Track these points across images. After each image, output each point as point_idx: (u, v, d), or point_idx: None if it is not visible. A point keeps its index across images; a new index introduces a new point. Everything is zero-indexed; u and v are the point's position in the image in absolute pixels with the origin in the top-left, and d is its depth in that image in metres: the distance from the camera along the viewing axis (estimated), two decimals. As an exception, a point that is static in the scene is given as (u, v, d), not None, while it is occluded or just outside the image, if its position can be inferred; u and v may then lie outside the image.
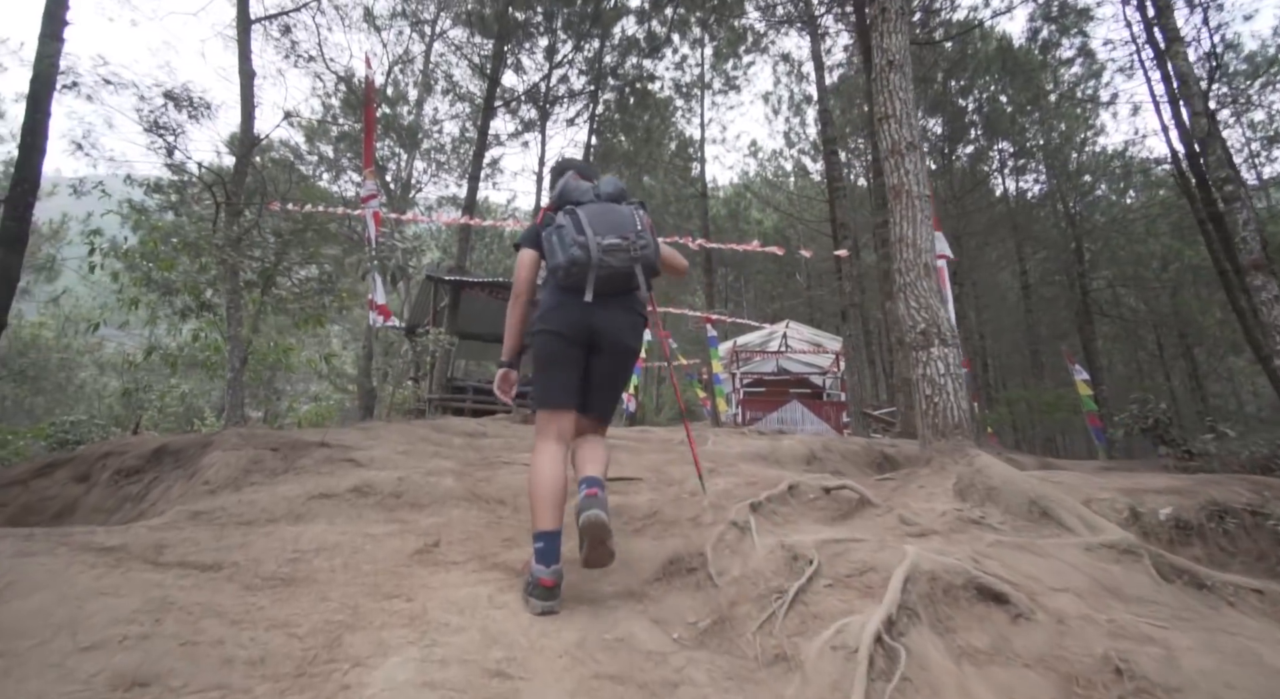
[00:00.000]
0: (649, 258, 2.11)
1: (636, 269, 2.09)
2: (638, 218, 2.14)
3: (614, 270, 2.06)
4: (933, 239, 3.34)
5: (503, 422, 7.88)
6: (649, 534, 2.54)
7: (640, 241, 2.09)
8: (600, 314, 2.11)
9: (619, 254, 2.06)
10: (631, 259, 2.08)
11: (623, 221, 2.11)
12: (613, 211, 2.13)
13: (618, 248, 2.06)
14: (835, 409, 18.02)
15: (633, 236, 2.09)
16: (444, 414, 10.43)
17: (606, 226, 2.08)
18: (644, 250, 2.10)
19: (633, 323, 2.20)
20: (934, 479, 2.82)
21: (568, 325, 2.11)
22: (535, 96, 16.26)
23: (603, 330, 2.13)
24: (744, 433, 5.78)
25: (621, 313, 2.15)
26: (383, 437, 4.23)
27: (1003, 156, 21.95)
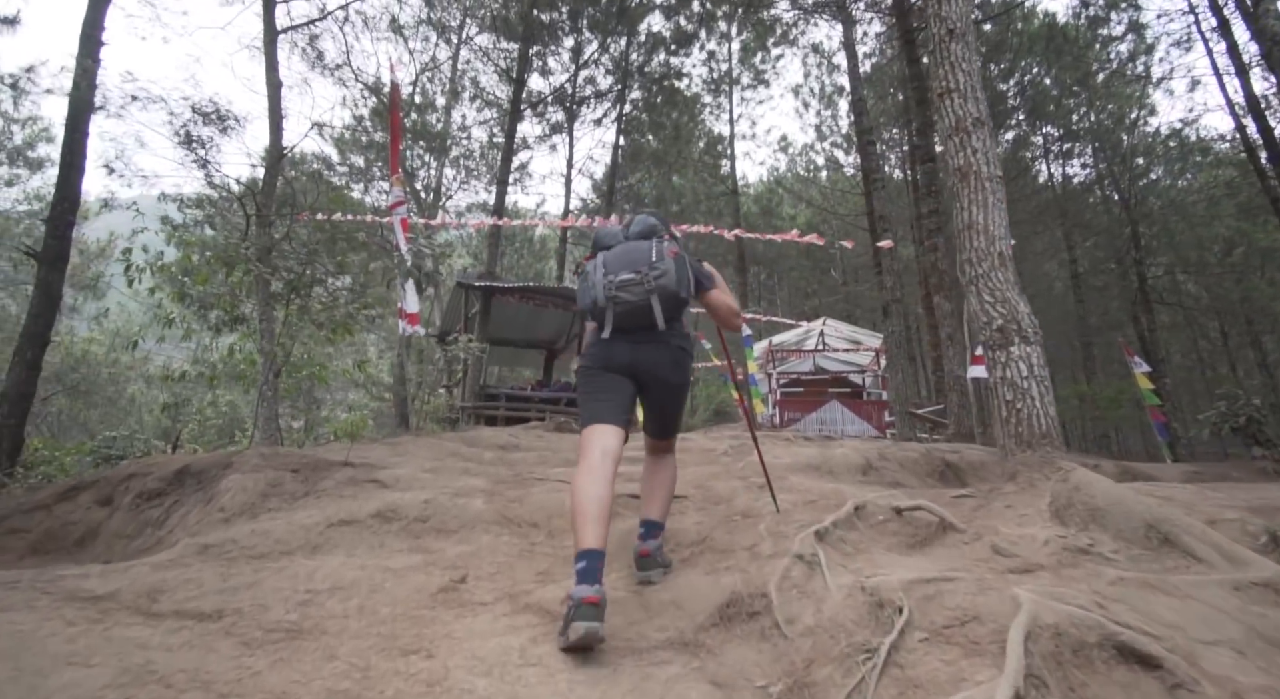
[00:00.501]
0: (665, 287, 2.08)
1: (652, 300, 2.08)
2: (655, 251, 2.14)
3: (630, 305, 2.09)
4: (1006, 225, 2.98)
5: (536, 431, 7.68)
6: (700, 565, 2.25)
7: (654, 272, 2.09)
8: (636, 353, 2.14)
9: (633, 288, 2.08)
10: (646, 291, 2.08)
11: (638, 257, 2.14)
12: (632, 250, 2.17)
13: (630, 283, 2.09)
14: (876, 408, 17.40)
15: (645, 269, 2.09)
16: (477, 422, 10.29)
17: (621, 265, 2.13)
18: (659, 280, 2.08)
19: (673, 358, 2.19)
20: (1022, 497, 2.47)
21: (605, 361, 2.17)
22: (562, 98, 16.10)
23: (642, 369, 2.16)
24: (789, 439, 5.45)
25: (656, 349, 2.16)
26: (410, 453, 4.03)
27: (1047, 141, 21.02)
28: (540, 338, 13.82)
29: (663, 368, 2.17)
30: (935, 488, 4.03)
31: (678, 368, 2.20)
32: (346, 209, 8.55)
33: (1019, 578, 1.80)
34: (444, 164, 20.98)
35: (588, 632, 1.57)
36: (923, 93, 8.82)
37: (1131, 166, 17.41)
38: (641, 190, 18.93)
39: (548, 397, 10.78)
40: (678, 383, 2.22)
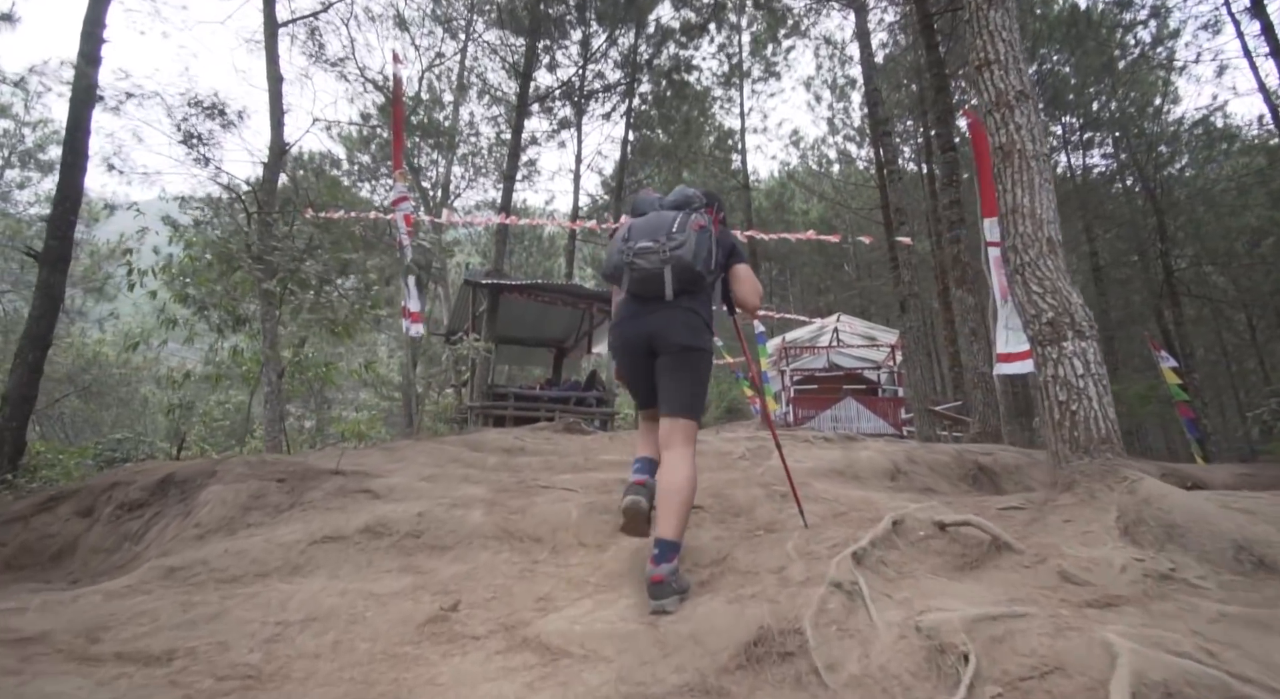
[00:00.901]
0: (680, 258, 2.11)
1: (666, 271, 2.12)
2: (678, 222, 2.17)
3: (645, 272, 2.14)
4: (1054, 207, 2.70)
5: (545, 432, 7.45)
6: (721, 591, 2.00)
7: (671, 243, 2.12)
8: (651, 320, 2.19)
9: (649, 256, 2.13)
10: (661, 261, 2.12)
11: (661, 225, 2.17)
12: (659, 218, 2.21)
13: (648, 250, 2.13)
14: (893, 405, 17.05)
15: (663, 239, 2.13)
16: (485, 422, 10.09)
17: (644, 232, 2.18)
18: (674, 251, 2.11)
19: (684, 320, 2.18)
20: (1082, 511, 2.19)
21: (624, 334, 2.27)
22: (570, 93, 15.85)
23: (656, 334, 2.19)
24: (809, 440, 5.18)
25: (671, 313, 2.17)
26: (408, 459, 3.80)
27: (1066, 131, 20.51)
28: (549, 336, 13.60)
29: (673, 329, 2.16)
30: (970, 494, 3.75)
31: (687, 329, 2.17)
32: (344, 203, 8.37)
33: (1101, 614, 1.53)
34: (452, 161, 20.82)
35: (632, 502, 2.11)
36: (942, 79, 8.50)
37: (1156, 155, 16.88)
38: (651, 185, 18.67)
39: (557, 396, 10.55)
40: (688, 344, 2.18)
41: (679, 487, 2.03)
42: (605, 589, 2.13)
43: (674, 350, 2.18)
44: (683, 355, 2.19)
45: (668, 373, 2.21)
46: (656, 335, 2.18)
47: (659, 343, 2.19)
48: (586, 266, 26.67)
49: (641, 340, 2.21)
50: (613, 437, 5.99)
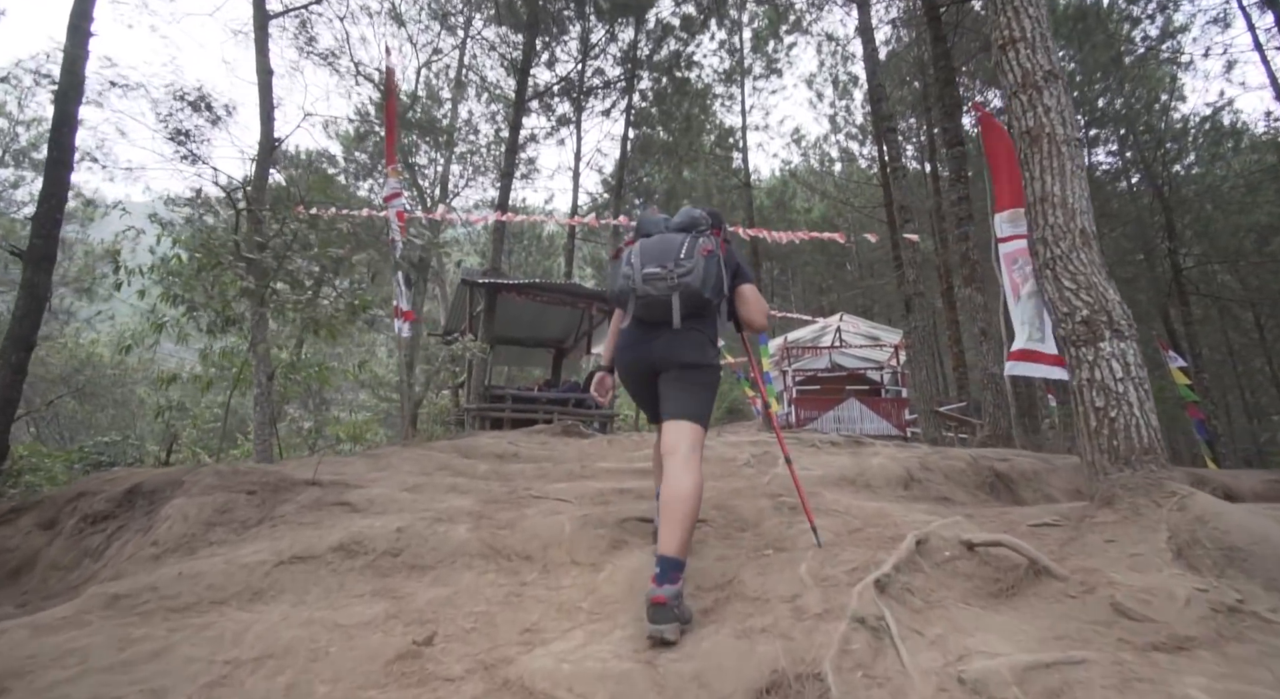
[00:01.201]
0: (689, 286, 2.06)
1: (674, 298, 2.07)
2: (686, 247, 2.11)
3: (653, 299, 2.09)
4: (1088, 196, 2.49)
5: (541, 435, 7.25)
6: (727, 621, 1.79)
7: (679, 270, 2.06)
8: (654, 345, 2.16)
9: (657, 283, 2.08)
10: (669, 288, 2.07)
11: (668, 250, 2.12)
12: (665, 242, 2.15)
13: (656, 277, 2.08)
14: (896, 406, 16.87)
15: (671, 265, 2.08)
16: (482, 424, 9.89)
17: (651, 257, 2.12)
18: (683, 277, 2.06)
19: (689, 340, 2.14)
20: (1126, 530, 1.98)
21: (631, 365, 2.25)
22: (569, 89, 15.63)
23: (658, 359, 2.17)
24: (815, 445, 4.97)
25: (673, 336, 2.13)
26: (393, 467, 3.59)
27: (1072, 128, 20.25)
28: (548, 336, 13.40)
29: (678, 350, 2.13)
30: (989, 504, 3.54)
31: (693, 348, 2.14)
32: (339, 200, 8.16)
33: (1172, 660, 1.32)
34: (450, 159, 20.62)
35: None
36: (950, 73, 8.29)
37: (1164, 152, 16.64)
38: (651, 184, 18.45)
39: (556, 397, 10.34)
40: (692, 361, 2.13)
41: (684, 495, 1.86)
42: (598, 617, 1.92)
43: (679, 366, 2.15)
44: (688, 370, 2.15)
45: (673, 383, 2.17)
46: (661, 358, 2.16)
47: (663, 364, 2.17)
48: (586, 266, 26.46)
49: (646, 366, 2.21)
50: (611, 441, 5.79)
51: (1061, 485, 4.01)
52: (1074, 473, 4.16)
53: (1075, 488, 4.00)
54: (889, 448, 4.57)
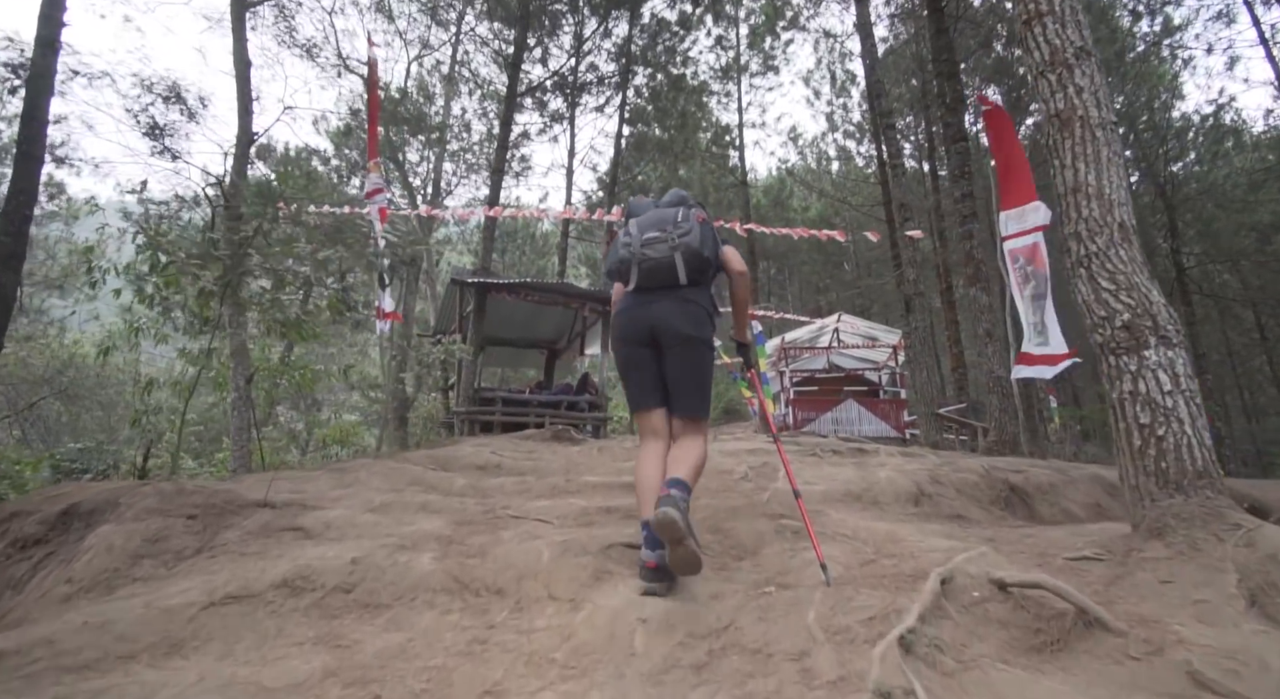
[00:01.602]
0: (689, 245, 2.16)
1: (676, 257, 2.16)
2: (681, 213, 2.24)
3: (655, 261, 2.17)
4: (1126, 186, 2.22)
5: (530, 442, 6.98)
6: (724, 683, 1.51)
7: (679, 231, 2.18)
8: (654, 308, 2.20)
9: (658, 246, 2.17)
10: (671, 248, 2.16)
11: (665, 218, 2.24)
12: (661, 213, 2.27)
13: (656, 240, 2.18)
14: (895, 407, 16.66)
15: (670, 228, 2.19)
16: (471, 428, 9.61)
17: (649, 225, 2.24)
18: (683, 238, 2.16)
19: (687, 311, 2.21)
20: (1183, 568, 1.72)
21: (627, 328, 2.26)
22: (562, 85, 15.33)
23: (659, 323, 2.20)
24: (817, 454, 4.70)
25: (674, 303, 2.20)
26: (360, 482, 3.31)
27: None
28: (541, 337, 13.11)
29: (678, 319, 2.18)
30: (1006, 521, 3.28)
31: (692, 320, 2.20)
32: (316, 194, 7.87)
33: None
34: (443, 157, 20.32)
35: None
36: (952, 67, 8.04)
37: (1166, 150, 16.43)
38: (646, 182, 18.18)
39: (548, 400, 10.05)
40: (695, 335, 2.19)
41: (694, 458, 2.10)
42: (573, 673, 1.65)
43: (679, 341, 2.19)
44: (687, 346, 2.20)
45: (676, 369, 2.23)
46: (661, 324, 2.19)
47: (663, 333, 2.20)
48: (580, 266, 26.17)
49: (645, 329, 2.22)
50: (602, 448, 5.51)
51: (1080, 500, 3.75)
52: (1091, 484, 3.91)
53: (1095, 501, 3.75)
54: (895, 458, 4.30)
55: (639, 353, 2.25)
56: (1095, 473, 4.10)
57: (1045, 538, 2.42)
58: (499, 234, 23.97)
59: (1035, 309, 6.39)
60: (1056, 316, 6.39)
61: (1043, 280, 6.42)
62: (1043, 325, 6.35)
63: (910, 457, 4.51)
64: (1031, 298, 6.38)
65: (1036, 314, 6.40)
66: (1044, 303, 6.36)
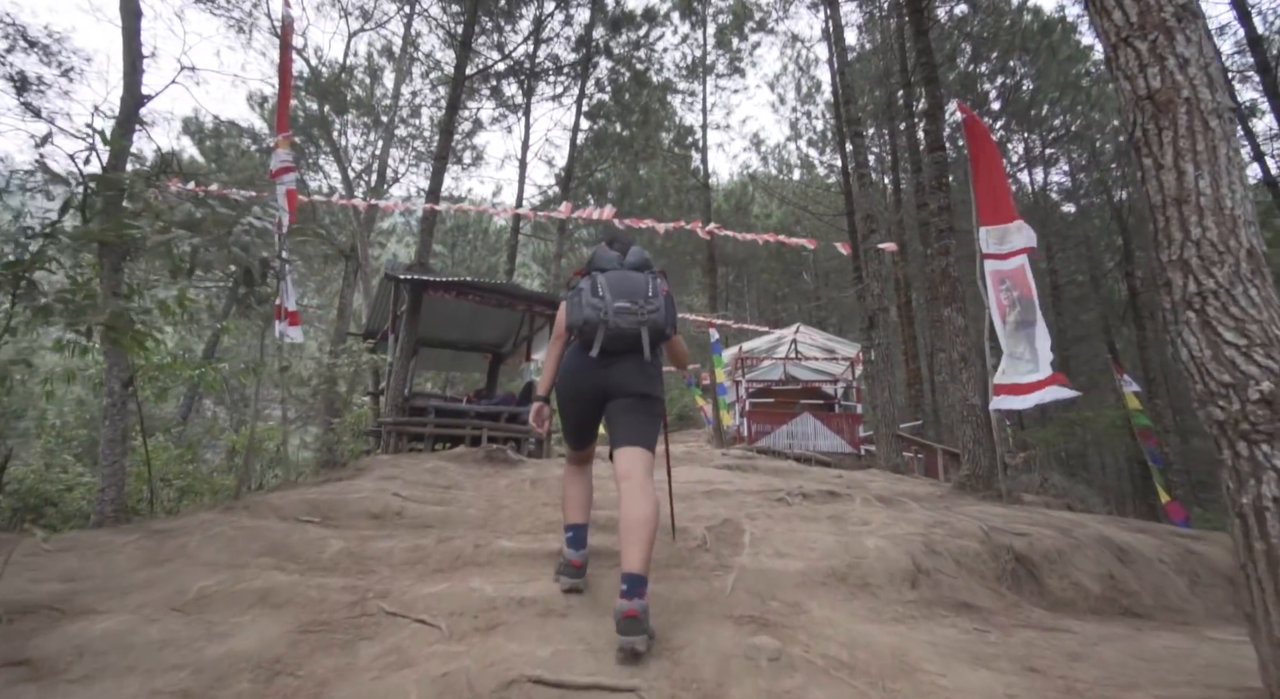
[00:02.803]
0: (655, 322, 2.28)
1: (643, 331, 2.27)
2: (651, 285, 2.35)
3: (622, 331, 2.25)
4: (1249, 198, 1.60)
5: (460, 462, 6.15)
6: None
7: (649, 307, 2.28)
8: (611, 374, 2.29)
9: (627, 317, 2.25)
10: (639, 322, 2.26)
11: (636, 288, 2.32)
12: (629, 279, 2.35)
13: (626, 311, 2.26)
14: (850, 422, 16.34)
15: (642, 301, 2.29)
16: (399, 441, 8.64)
17: (620, 291, 2.30)
18: (652, 315, 2.28)
19: (644, 372, 2.30)
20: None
21: (582, 387, 2.34)
22: (517, 71, 14.39)
23: (612, 387, 2.29)
24: (786, 500, 4.02)
25: (632, 368, 2.29)
26: (186, 554, 2.43)
27: (1029, 145, 20.28)
28: (483, 340, 12.18)
29: (632, 381, 2.28)
30: (1026, 611, 2.64)
31: (645, 380, 2.30)
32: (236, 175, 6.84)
33: None
34: (390, 143, 19.10)
35: (572, 585, 2.27)
36: (932, 71, 7.56)
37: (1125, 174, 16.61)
38: (605, 180, 17.41)
39: (487, 410, 9.14)
40: (646, 392, 2.29)
41: (645, 520, 2.02)
42: None
43: (635, 397, 2.29)
44: (643, 401, 2.30)
45: (626, 412, 2.29)
46: (616, 387, 2.29)
47: (618, 391, 2.29)
48: (533, 263, 25.14)
49: (599, 391, 2.32)
50: (535, 481, 4.70)
51: (1091, 569, 3.18)
52: (1100, 550, 3.35)
53: (1107, 572, 3.19)
54: (877, 512, 3.65)
55: (588, 409, 2.37)
56: (1101, 534, 3.55)
57: (1123, 673, 1.76)
58: (449, 228, 22.80)
59: (1020, 338, 5.90)
60: (1048, 335, 5.92)
61: (1030, 307, 5.93)
62: (1031, 354, 5.88)
63: (894, 508, 3.87)
64: (1017, 325, 5.89)
65: (1021, 343, 5.91)
66: (1032, 330, 5.87)
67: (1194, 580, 3.34)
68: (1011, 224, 6.36)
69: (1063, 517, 4.02)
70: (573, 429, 2.42)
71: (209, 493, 8.14)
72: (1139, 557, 3.38)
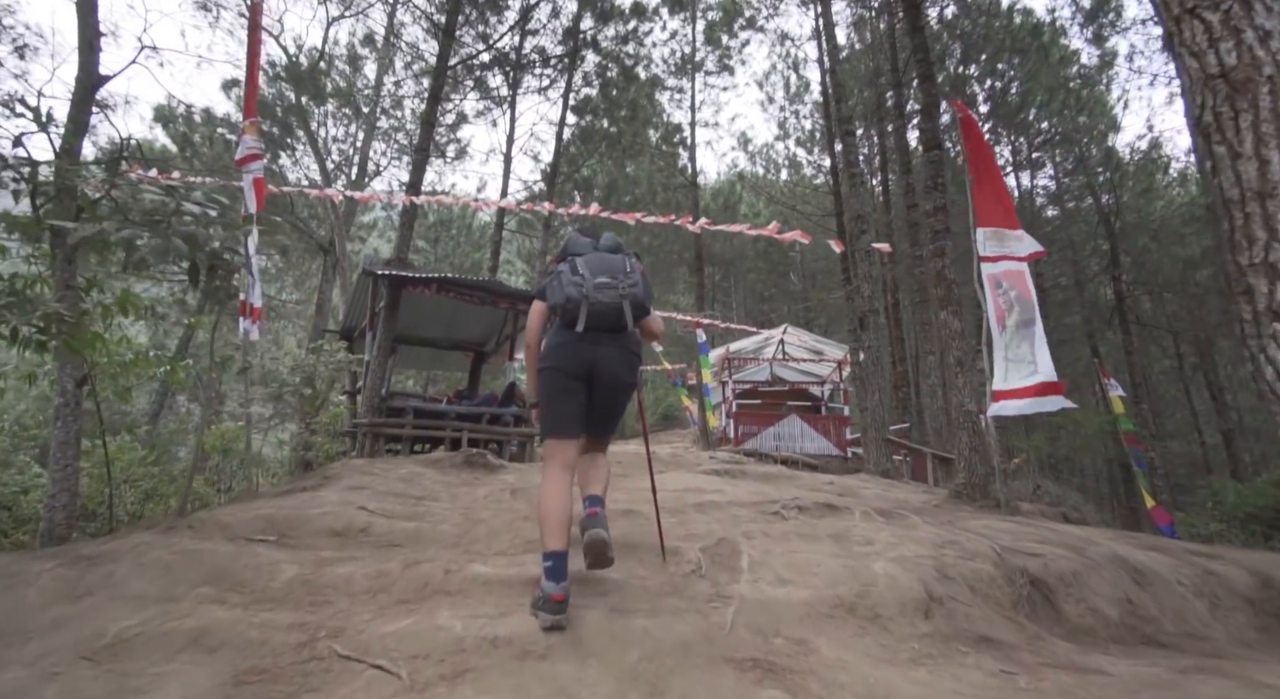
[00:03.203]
0: (636, 296, 2.40)
1: (625, 305, 2.36)
2: (628, 263, 2.46)
3: (604, 306, 2.34)
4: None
5: (438, 467, 5.87)
6: None
7: (628, 281, 2.39)
8: (596, 350, 2.37)
9: (608, 291, 2.34)
10: (620, 296, 2.36)
11: (614, 265, 2.43)
12: (606, 259, 2.45)
13: (607, 286, 2.35)
14: (836, 424, 16.18)
15: (621, 276, 2.39)
16: (375, 443, 8.32)
17: (599, 269, 2.40)
18: (632, 289, 2.39)
19: (627, 360, 2.44)
20: None
21: (567, 361, 2.37)
22: (503, 62, 14.02)
23: (599, 365, 2.38)
24: (783, 515, 3.78)
25: (616, 350, 2.41)
26: (112, 584, 2.13)
27: (1015, 148, 20.29)
28: (465, 338, 11.86)
29: (618, 366, 2.41)
30: (1049, 646, 2.43)
31: (628, 367, 2.45)
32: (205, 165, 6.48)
33: None
34: (371, 135, 18.64)
35: (554, 622, 2.01)
36: (928, 67, 7.38)
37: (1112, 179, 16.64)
38: (592, 177, 17.11)
39: (467, 412, 8.82)
40: (628, 382, 2.46)
41: (601, 475, 2.48)
42: None
43: (615, 386, 2.43)
44: (623, 391, 2.47)
45: (606, 406, 2.48)
46: (603, 367, 2.38)
47: (603, 374, 2.38)
48: (517, 260, 24.74)
49: (586, 366, 2.37)
50: (516, 491, 4.43)
51: (1108, 593, 2.98)
52: (1116, 571, 3.16)
53: (1124, 596, 2.99)
54: (881, 528, 3.42)
55: (573, 385, 2.37)
56: (1114, 553, 3.35)
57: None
58: (431, 223, 22.36)
59: (1022, 338, 5.72)
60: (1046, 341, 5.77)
61: (1029, 307, 5.76)
62: (1031, 355, 5.71)
63: (896, 522, 3.65)
64: (1018, 326, 5.71)
65: (1023, 344, 5.72)
66: (1032, 330, 5.69)
67: (1214, 603, 3.16)
68: (1011, 231, 6.19)
69: (1071, 533, 3.83)
70: (559, 409, 2.37)
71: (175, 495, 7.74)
72: (1156, 578, 3.20)
